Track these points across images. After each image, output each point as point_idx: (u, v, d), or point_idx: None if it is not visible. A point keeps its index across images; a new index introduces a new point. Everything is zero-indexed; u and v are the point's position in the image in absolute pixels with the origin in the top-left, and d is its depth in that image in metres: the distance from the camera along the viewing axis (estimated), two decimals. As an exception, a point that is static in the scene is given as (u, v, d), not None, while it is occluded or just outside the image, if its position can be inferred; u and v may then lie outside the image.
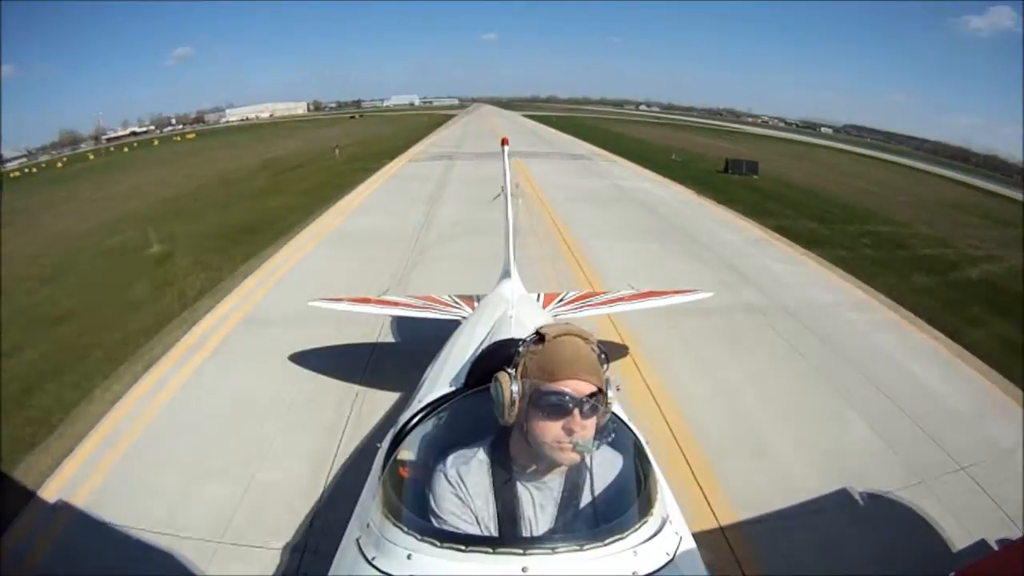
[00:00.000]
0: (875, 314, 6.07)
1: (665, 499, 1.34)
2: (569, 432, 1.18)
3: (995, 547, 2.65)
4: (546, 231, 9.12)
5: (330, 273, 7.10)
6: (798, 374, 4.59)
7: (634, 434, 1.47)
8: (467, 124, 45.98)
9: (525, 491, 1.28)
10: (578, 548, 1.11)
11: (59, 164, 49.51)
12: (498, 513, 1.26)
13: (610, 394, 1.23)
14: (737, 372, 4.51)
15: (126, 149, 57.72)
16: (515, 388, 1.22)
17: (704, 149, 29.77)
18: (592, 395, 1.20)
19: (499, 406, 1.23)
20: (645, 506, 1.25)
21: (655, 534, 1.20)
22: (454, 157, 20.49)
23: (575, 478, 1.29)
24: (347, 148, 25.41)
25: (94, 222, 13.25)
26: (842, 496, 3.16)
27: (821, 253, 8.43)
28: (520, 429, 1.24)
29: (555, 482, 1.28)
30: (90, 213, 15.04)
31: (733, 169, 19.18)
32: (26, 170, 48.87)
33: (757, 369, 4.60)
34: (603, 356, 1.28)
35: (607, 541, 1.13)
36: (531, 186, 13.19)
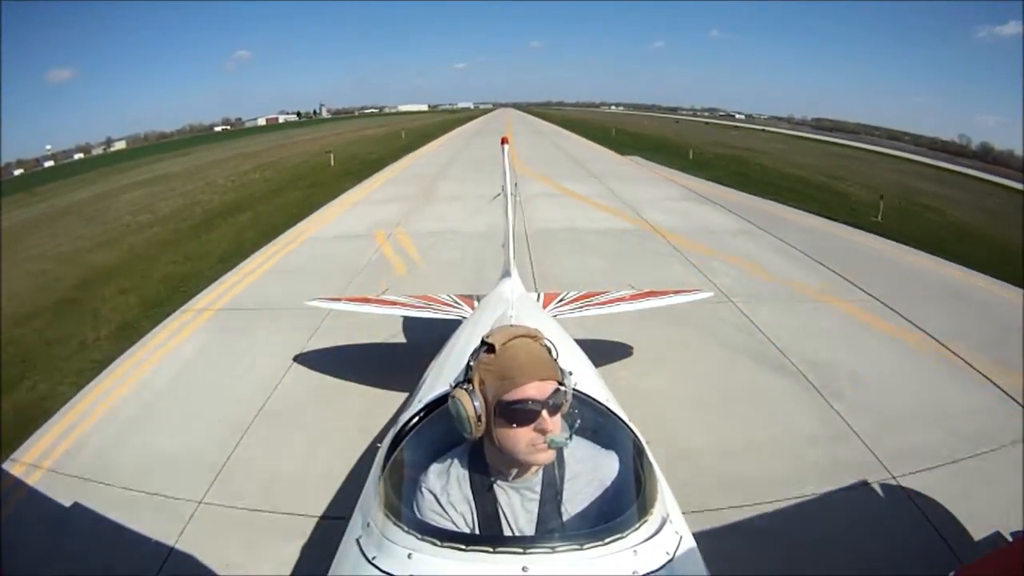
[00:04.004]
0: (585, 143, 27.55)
1: (665, 498, 1.35)
2: (542, 433, 1.19)
3: (1009, 538, 2.64)
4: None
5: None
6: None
7: (633, 433, 1.47)
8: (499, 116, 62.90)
9: (504, 494, 1.28)
10: (578, 547, 1.11)
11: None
12: (479, 521, 1.26)
13: (568, 382, 1.24)
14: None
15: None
16: (477, 403, 1.20)
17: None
18: (554, 392, 1.20)
19: (463, 422, 1.21)
20: (645, 505, 1.25)
21: (655, 533, 1.20)
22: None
23: (551, 475, 1.29)
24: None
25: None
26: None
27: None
28: (490, 437, 1.23)
29: (533, 482, 1.28)
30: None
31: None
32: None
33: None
34: (553, 349, 1.30)
35: (607, 540, 1.13)
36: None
